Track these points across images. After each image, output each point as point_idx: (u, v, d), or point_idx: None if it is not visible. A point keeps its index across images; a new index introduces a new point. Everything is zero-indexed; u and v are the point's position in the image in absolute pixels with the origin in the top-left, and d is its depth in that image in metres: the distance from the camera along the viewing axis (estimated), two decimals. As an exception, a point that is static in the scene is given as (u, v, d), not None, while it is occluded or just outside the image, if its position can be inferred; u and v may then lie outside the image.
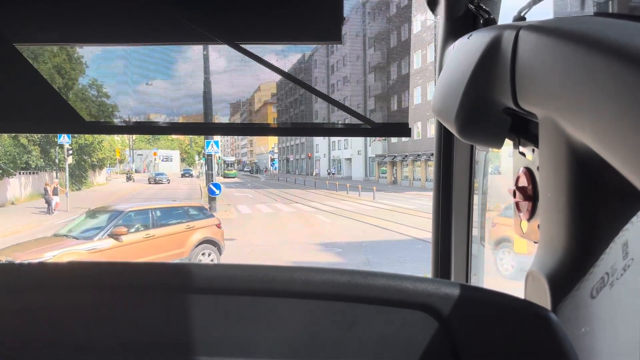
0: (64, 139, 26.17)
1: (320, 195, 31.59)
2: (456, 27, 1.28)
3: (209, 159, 25.55)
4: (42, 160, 28.61)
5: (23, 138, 26.25)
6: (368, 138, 38.71)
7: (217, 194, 22.65)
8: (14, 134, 24.18)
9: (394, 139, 41.49)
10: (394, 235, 16.80)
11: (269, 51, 1.58)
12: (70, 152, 27.33)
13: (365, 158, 51.02)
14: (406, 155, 40.71)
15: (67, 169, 26.97)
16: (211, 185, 22.82)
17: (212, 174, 24.96)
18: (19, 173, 27.32)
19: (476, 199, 1.50)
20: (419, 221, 17.01)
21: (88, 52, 1.71)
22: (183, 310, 0.78)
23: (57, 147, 28.69)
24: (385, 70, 1.74)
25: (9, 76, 1.51)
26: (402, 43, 1.79)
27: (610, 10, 1.01)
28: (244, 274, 0.79)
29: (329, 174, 58.81)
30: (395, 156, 43.15)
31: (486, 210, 1.84)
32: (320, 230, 18.28)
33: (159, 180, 48.68)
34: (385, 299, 0.74)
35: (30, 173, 28.60)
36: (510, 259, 8.88)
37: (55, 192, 23.98)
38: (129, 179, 51.41)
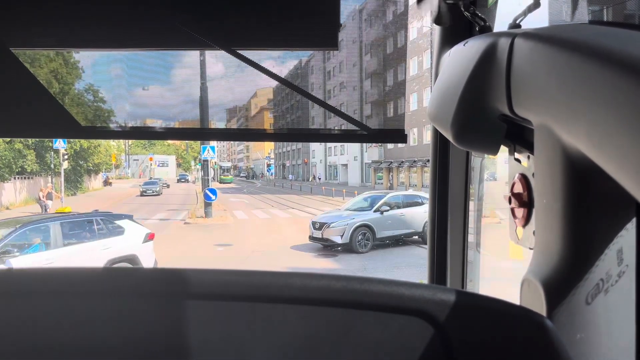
0: (60, 144, 26.10)
1: (316, 201, 31.56)
2: (452, 34, 1.29)
3: (205, 165, 25.52)
4: (37, 165, 28.51)
5: (18, 143, 26.17)
6: (364, 144, 38.75)
7: (213, 200, 22.64)
8: (9, 139, 24.09)
9: (390, 145, 41.57)
10: (390, 241, 16.84)
11: (266, 57, 1.58)
12: (66, 157, 27.26)
13: (362, 164, 51.04)
14: (402, 161, 40.78)
15: (62, 174, 26.88)
16: (207, 191, 22.78)
17: (208, 180, 24.92)
18: (14, 178, 27.20)
19: (472, 205, 1.50)
20: (415, 227, 17.07)
21: (84, 57, 1.71)
22: (179, 316, 0.78)
23: (53, 152, 28.59)
24: (381, 77, 1.75)
25: (5, 80, 1.51)
26: (399, 49, 1.80)
27: (605, 18, 1.02)
28: (240, 280, 0.79)
29: (314, 178, 58.35)
30: (391, 162, 43.22)
31: (482, 217, 1.84)
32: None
33: (145, 191, 37.19)
34: (381, 304, 0.74)
35: (25, 178, 28.49)
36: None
37: (49, 197, 23.90)
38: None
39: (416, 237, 16.60)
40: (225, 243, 16.75)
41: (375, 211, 16.54)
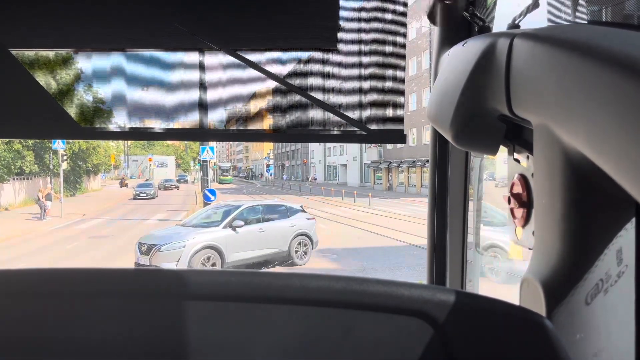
0: (59, 145, 26.08)
1: (315, 202, 31.54)
2: (451, 35, 1.29)
3: (204, 165, 25.49)
4: (36, 165, 28.46)
5: (17, 143, 26.12)
6: (364, 144, 38.78)
7: (212, 200, 22.60)
8: (7, 140, 24.07)
9: (389, 146, 41.61)
10: (390, 241, 16.79)
11: (265, 57, 1.59)
12: (65, 157, 27.22)
13: (361, 164, 51.02)
14: (401, 162, 40.80)
15: (61, 175, 26.86)
16: (206, 191, 22.77)
17: (207, 180, 24.90)
18: (13, 179, 27.17)
19: (471, 205, 1.50)
20: (414, 227, 16.99)
21: (83, 58, 1.71)
22: (179, 316, 0.78)
23: (52, 153, 28.55)
24: (380, 77, 1.75)
25: (4, 81, 1.51)
26: (398, 50, 1.80)
27: (604, 19, 1.02)
28: (239, 280, 0.79)
29: (308, 179, 57.90)
30: (390, 162, 43.23)
31: (481, 217, 1.84)
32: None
33: (138, 194, 34.65)
34: (380, 305, 0.74)
35: (24, 179, 28.45)
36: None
37: (48, 198, 23.90)
38: (122, 184, 50.15)
39: (282, 257, 13.18)
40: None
41: (225, 227, 12.71)
